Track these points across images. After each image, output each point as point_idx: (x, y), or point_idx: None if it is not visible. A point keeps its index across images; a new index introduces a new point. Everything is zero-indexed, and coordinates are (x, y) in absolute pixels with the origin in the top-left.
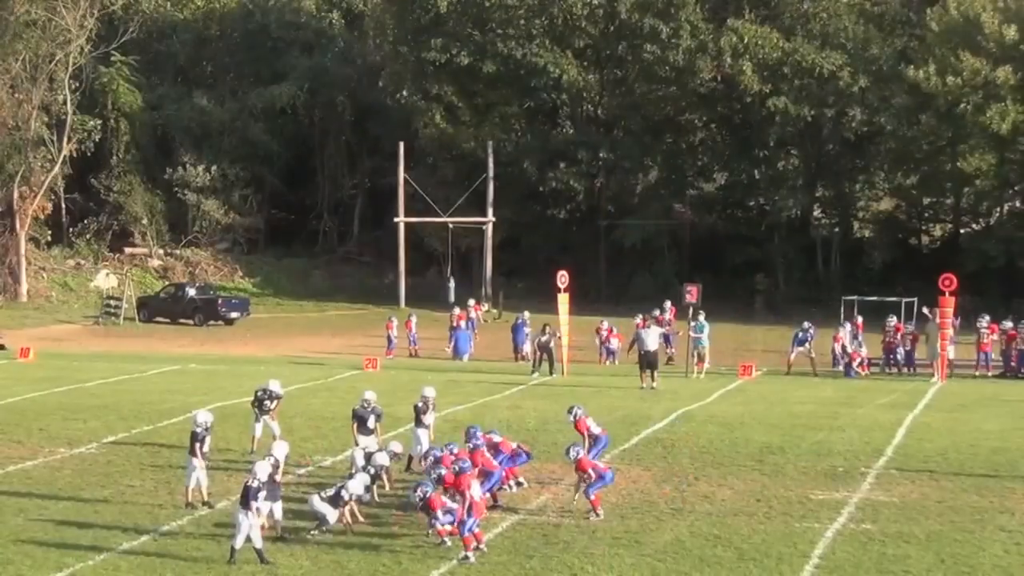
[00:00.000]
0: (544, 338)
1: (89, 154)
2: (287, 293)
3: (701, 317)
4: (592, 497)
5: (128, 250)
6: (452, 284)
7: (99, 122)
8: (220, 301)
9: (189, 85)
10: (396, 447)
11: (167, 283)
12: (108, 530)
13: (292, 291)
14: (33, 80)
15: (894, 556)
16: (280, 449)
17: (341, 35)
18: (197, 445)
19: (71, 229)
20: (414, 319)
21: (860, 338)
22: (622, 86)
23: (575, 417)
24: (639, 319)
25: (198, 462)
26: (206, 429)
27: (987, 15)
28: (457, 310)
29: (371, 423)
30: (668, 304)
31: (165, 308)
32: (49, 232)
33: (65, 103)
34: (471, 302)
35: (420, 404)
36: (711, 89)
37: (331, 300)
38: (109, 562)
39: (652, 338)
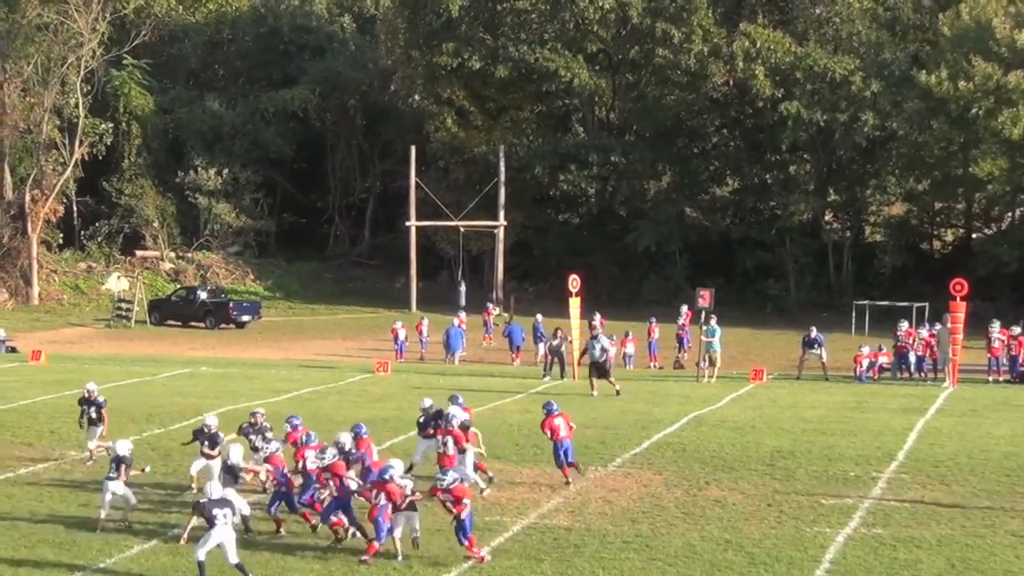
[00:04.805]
0: (555, 342)
1: (100, 157)
2: (298, 296)
3: (713, 321)
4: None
5: (139, 253)
6: (463, 288)
7: (111, 125)
8: (231, 304)
9: (201, 88)
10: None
11: (178, 286)
12: (119, 533)
13: (303, 295)
14: (45, 83)
15: (905, 561)
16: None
17: (353, 39)
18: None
19: (82, 232)
20: (426, 322)
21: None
22: (634, 90)
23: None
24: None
25: (114, 485)
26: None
27: (999, 20)
28: (463, 314)
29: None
30: (684, 309)
31: (176, 311)
32: (61, 235)
33: (77, 106)
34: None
35: (421, 417)
36: (723, 93)
37: (342, 304)
38: (120, 565)
39: (599, 348)
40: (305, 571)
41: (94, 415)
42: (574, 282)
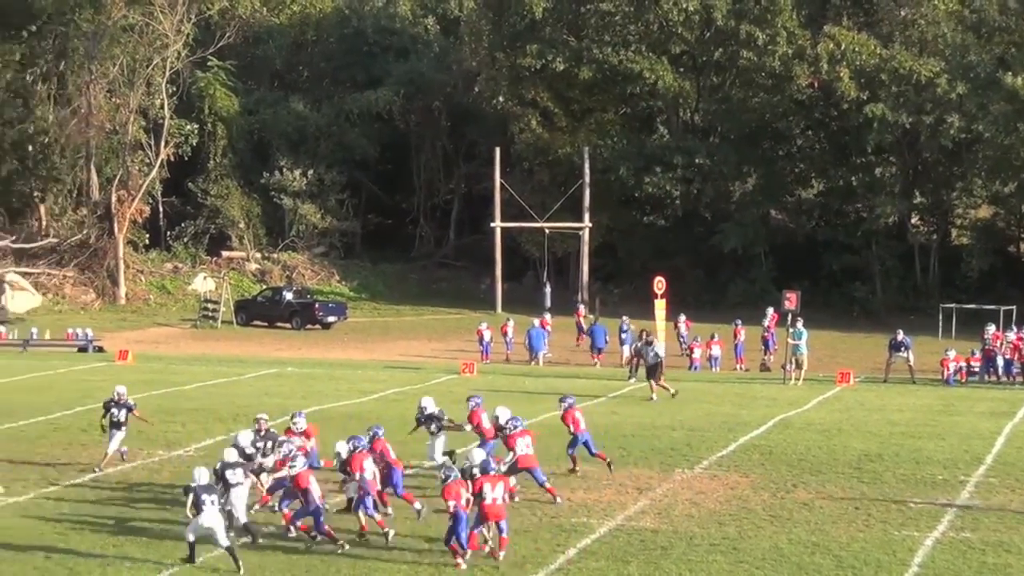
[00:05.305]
0: (640, 344)
1: (186, 158)
2: (383, 297)
3: (799, 324)
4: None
5: (225, 254)
6: (548, 289)
7: (196, 126)
8: (317, 305)
9: (285, 90)
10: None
11: (264, 287)
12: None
13: (388, 296)
14: (130, 84)
15: (994, 565)
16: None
17: (436, 40)
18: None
19: (168, 233)
20: (511, 323)
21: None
22: (719, 92)
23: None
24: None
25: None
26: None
27: None
28: (548, 316)
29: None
30: (770, 311)
31: (262, 312)
32: (147, 235)
33: (162, 107)
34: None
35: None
36: (808, 95)
37: (427, 305)
38: (208, 564)
39: (652, 354)
40: (392, 572)
41: (122, 418)
42: (659, 284)
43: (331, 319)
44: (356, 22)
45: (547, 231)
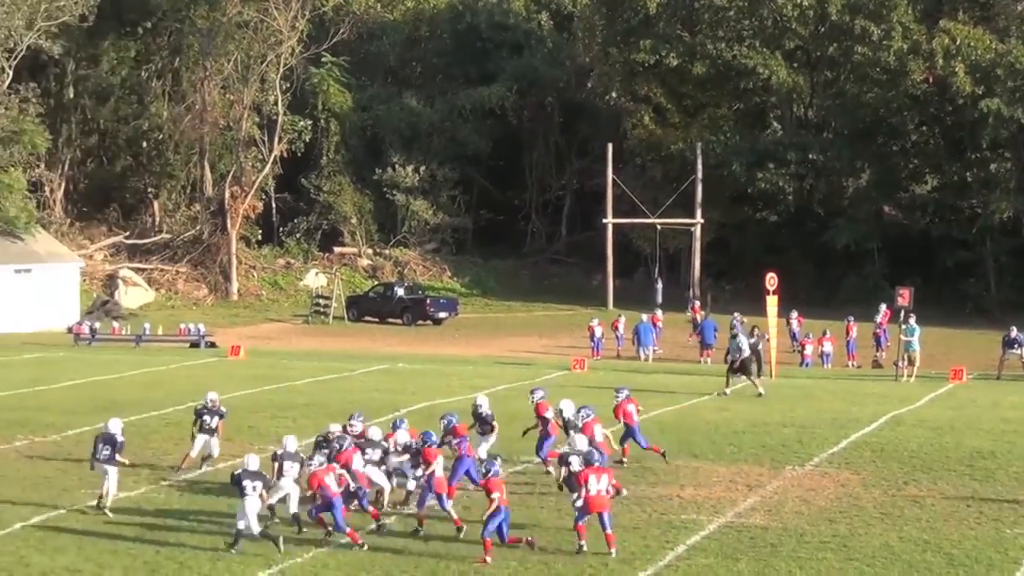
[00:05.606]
0: (753, 340)
1: (299, 154)
2: (495, 293)
3: (912, 320)
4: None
5: (337, 250)
6: (660, 286)
7: (309, 122)
8: (428, 301)
9: (399, 86)
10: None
11: (376, 283)
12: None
13: (500, 292)
14: (245, 80)
15: None
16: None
17: (550, 36)
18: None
19: (281, 229)
20: (622, 320)
21: None
22: (833, 87)
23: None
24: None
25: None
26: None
27: None
28: (659, 312)
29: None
30: (883, 307)
31: (374, 307)
32: (260, 231)
33: (276, 103)
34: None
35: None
36: (923, 91)
37: (539, 301)
38: (318, 559)
39: (735, 347)
40: (500, 569)
41: (214, 425)
42: (771, 280)
43: (442, 315)
44: (469, 18)
45: (659, 227)
